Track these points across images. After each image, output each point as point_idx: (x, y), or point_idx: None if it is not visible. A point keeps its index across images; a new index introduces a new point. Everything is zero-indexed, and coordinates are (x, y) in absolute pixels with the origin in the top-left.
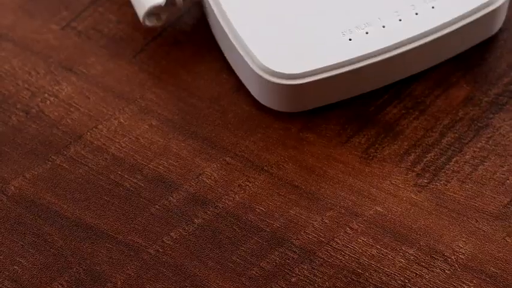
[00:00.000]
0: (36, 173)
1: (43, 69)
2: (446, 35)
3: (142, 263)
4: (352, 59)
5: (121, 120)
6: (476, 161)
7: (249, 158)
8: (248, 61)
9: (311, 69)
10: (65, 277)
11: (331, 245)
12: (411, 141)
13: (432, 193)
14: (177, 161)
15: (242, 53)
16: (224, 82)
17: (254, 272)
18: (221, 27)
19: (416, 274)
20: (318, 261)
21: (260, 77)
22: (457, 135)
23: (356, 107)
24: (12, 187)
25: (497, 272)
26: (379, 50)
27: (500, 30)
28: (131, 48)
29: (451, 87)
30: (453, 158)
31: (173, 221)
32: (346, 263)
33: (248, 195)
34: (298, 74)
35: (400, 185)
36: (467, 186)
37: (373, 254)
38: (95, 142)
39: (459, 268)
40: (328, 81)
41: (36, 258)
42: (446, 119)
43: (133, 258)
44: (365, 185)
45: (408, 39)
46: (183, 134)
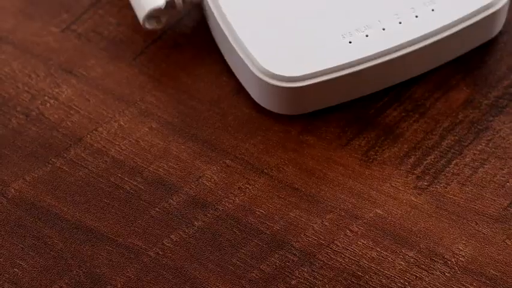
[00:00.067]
0: (36, 176)
1: (43, 71)
2: (446, 38)
3: (142, 266)
4: (352, 62)
5: (121, 122)
6: (476, 164)
7: (249, 161)
8: (248, 64)
9: (311, 71)
10: (65, 280)
11: (331, 248)
12: (411, 143)
13: (432, 196)
14: (177, 164)
15: (242, 56)
16: (224, 85)
17: (254, 275)
18: (221, 30)
19: (416, 277)
20: (318, 263)
21: (260, 80)
22: (457, 137)
23: (356, 110)
24: (12, 190)
25: (497, 275)
26: (379, 53)
27: (500, 32)
28: (131, 50)
29: (451, 89)
30: (453, 161)
31: (173, 224)
32: (346, 266)
33: (248, 197)
34: (298, 77)
35: (400, 188)
36: (467, 188)
37: (373, 257)
38: (95, 145)
39: (459, 271)
40: (328, 83)
41: (36, 260)
42: (446, 122)
43: (133, 260)
44: (365, 188)
45: (408, 41)
46: (183, 137)
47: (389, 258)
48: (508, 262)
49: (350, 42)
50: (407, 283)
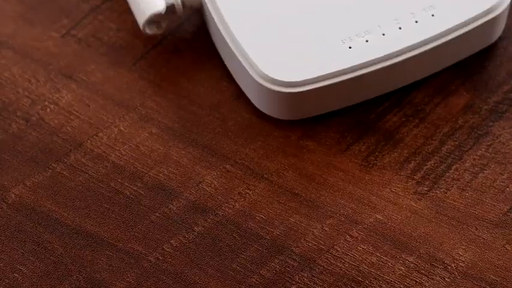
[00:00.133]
0: (36, 181)
1: (43, 76)
2: (446, 43)
3: (142, 271)
4: (352, 67)
5: (121, 128)
6: (476, 169)
7: (249, 166)
8: (248, 69)
9: (311, 77)
10: (65, 285)
11: (331, 253)
12: (411, 149)
13: (432, 201)
14: (177, 169)
15: (242, 61)
16: (224, 90)
17: (254, 280)
18: (221, 35)
19: (416, 282)
20: (318, 269)
21: (260, 85)
22: (457, 143)
23: (356, 115)
24: (12, 195)
25: (497, 280)
26: (379, 58)
27: (500, 38)
28: (131, 56)
29: (451, 95)
30: (453, 166)
31: (173, 229)
32: (346, 271)
33: (248, 203)
34: (298, 82)
35: (400, 193)
36: (467, 194)
37: (373, 262)
38: (95, 150)
39: (459, 276)
40: (328, 89)
41: (36, 266)
42: (446, 127)
43: (133, 266)
44: (365, 193)
45: (408, 47)
46: (183, 142)
47: (389, 263)
48: (508, 267)
49: (350, 47)
50: None
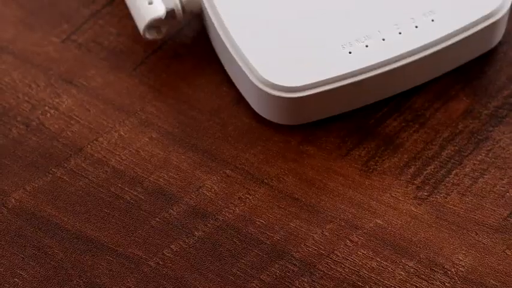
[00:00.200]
0: (36, 186)
1: (43, 81)
2: (446, 48)
3: (142, 276)
4: (352, 72)
5: (121, 132)
6: (476, 174)
7: (249, 171)
8: (248, 74)
9: (311, 82)
10: None
11: (331, 258)
12: (411, 154)
13: (432, 206)
14: (178, 174)
15: (242, 66)
16: (224, 95)
17: (254, 285)
18: (221, 40)
19: (416, 287)
20: (318, 273)
21: (260, 90)
22: (457, 148)
23: (356, 120)
24: (12, 199)
25: (497, 285)
26: (379, 63)
27: (499, 43)
28: (131, 61)
29: (451, 100)
30: (453, 171)
31: (173, 234)
32: (346, 276)
33: (248, 207)
34: (298, 87)
35: (400, 198)
36: (467, 199)
37: (373, 267)
38: (96, 155)
39: (459, 281)
40: (328, 94)
41: (36, 270)
42: (446, 132)
43: (133, 270)
44: (365, 198)
45: (408, 52)
46: (183, 147)
47: (389, 268)
48: (508, 272)
49: (350, 52)
50: None
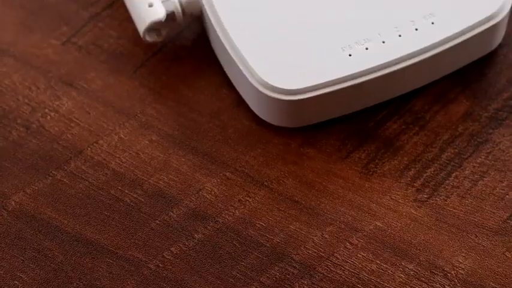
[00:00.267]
0: (36, 188)
1: (43, 84)
2: (445, 51)
3: (142, 278)
4: (352, 75)
5: (121, 135)
6: (475, 176)
7: (249, 173)
8: (248, 76)
9: (311, 84)
10: None
11: (331, 260)
12: (411, 156)
13: (432, 208)
14: (178, 176)
15: (242, 68)
16: (224, 97)
17: (254, 287)
18: (221, 42)
19: None
20: (318, 276)
21: (260, 92)
22: (457, 150)
23: (356, 122)
24: (12, 202)
25: (496, 287)
26: (379, 66)
27: (499, 45)
28: (131, 63)
29: (451, 102)
30: (453, 173)
31: (173, 236)
32: (346, 278)
33: (248, 210)
34: (297, 90)
35: (400, 200)
36: (466, 201)
37: (373, 269)
38: (96, 157)
39: (459, 283)
40: (327, 96)
41: (36, 273)
42: (446, 134)
43: (133, 273)
44: (365, 200)
45: (408, 54)
46: (183, 149)
47: (389, 270)
48: (508, 275)
49: (350, 55)
50: None
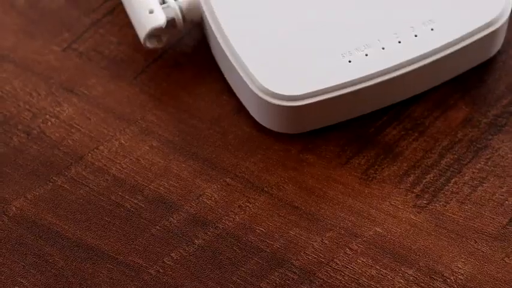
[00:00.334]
0: (37, 194)
1: (44, 90)
2: (445, 57)
3: (143, 284)
4: (351, 81)
5: (122, 141)
6: (475, 182)
7: (249, 179)
8: (248, 83)
9: (311, 91)
10: None
11: (330, 266)
12: (410, 162)
13: (431, 214)
14: (178, 182)
15: (242, 75)
16: (225, 103)
17: None
18: (221, 49)
19: None
20: (318, 281)
21: (260, 99)
22: (456, 156)
23: (356, 129)
24: (13, 208)
25: None
26: (378, 72)
27: (498, 52)
28: (132, 69)
29: (450, 108)
30: (452, 179)
31: (174, 242)
32: (346, 284)
33: (248, 216)
34: (298, 96)
35: (400, 206)
36: (466, 207)
37: (372, 275)
38: (96, 163)
39: None
40: (328, 102)
41: (37, 278)
42: (445, 140)
43: (134, 278)
44: (364, 206)
45: (407, 61)
46: (184, 155)
47: (388, 276)
48: (507, 280)
49: (350, 61)
50: None
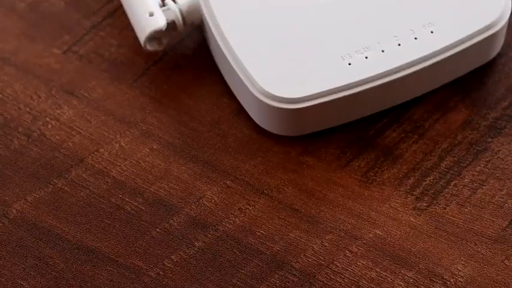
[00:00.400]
0: (37, 196)
1: (44, 93)
2: (445, 60)
3: (143, 286)
4: (351, 84)
5: (122, 143)
6: (475, 185)
7: (249, 182)
8: (248, 85)
9: (311, 93)
10: None
11: (330, 268)
12: (410, 164)
13: (431, 216)
14: (178, 185)
15: (242, 77)
16: (225, 106)
17: None
18: (221, 51)
19: None
20: (318, 284)
21: (260, 101)
22: (456, 158)
23: (355, 131)
24: (14, 210)
25: None
26: (378, 75)
27: (498, 54)
28: (132, 72)
29: (450, 111)
30: (452, 182)
31: (174, 244)
32: (345, 286)
33: (248, 218)
34: (298, 98)
35: (400, 209)
36: (466, 209)
37: (372, 277)
38: (96, 165)
39: None
40: (327, 105)
41: (37, 281)
42: (445, 143)
43: (134, 281)
44: (364, 209)
45: (407, 63)
46: (184, 158)
47: (388, 278)
48: (507, 283)
49: (349, 64)
50: None
